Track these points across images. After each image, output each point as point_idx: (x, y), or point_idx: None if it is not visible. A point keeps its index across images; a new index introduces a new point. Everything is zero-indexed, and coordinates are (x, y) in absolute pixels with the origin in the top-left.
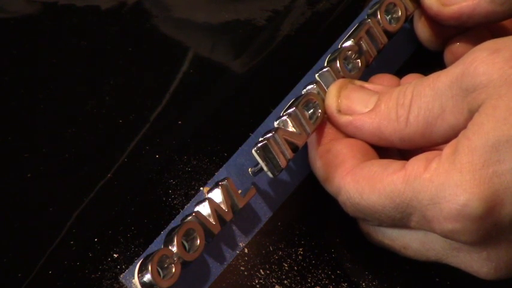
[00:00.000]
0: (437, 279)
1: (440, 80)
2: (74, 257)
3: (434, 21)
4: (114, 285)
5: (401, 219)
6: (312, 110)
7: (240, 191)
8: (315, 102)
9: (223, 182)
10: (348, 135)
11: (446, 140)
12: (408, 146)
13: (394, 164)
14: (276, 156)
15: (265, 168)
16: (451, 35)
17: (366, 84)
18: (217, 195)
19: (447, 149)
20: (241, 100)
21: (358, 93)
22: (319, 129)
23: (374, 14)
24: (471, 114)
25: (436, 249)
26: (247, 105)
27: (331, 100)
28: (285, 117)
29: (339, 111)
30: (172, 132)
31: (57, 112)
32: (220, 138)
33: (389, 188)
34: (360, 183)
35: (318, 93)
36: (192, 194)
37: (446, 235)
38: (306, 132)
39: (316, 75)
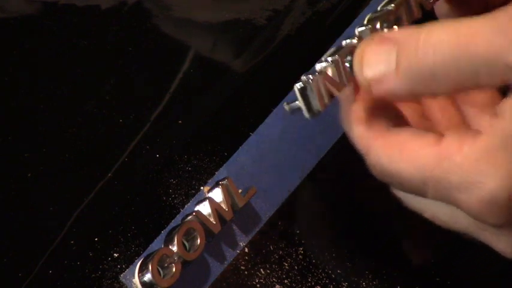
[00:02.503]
0: (437, 279)
1: (475, 42)
2: (74, 257)
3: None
4: (115, 284)
5: (428, 193)
6: (349, 63)
7: (240, 191)
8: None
9: (224, 182)
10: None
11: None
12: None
13: (427, 136)
14: (317, 97)
15: (303, 108)
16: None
17: (385, 35)
18: (217, 194)
19: (482, 129)
20: (241, 100)
21: (377, 53)
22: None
23: None
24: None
25: (463, 224)
26: (247, 105)
27: (358, 72)
28: (326, 64)
29: (367, 81)
30: (173, 132)
31: (57, 112)
32: (221, 138)
33: (421, 160)
34: (391, 148)
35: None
36: (192, 193)
37: (473, 216)
38: (343, 81)
39: (357, 30)
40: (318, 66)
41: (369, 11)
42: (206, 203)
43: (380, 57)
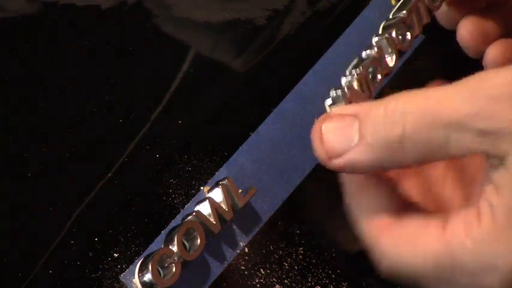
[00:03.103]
0: None
1: (445, 110)
2: (74, 257)
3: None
4: (115, 284)
5: (446, 282)
6: (371, 74)
7: (240, 191)
8: (376, 65)
9: (224, 182)
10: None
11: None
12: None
13: (432, 224)
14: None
15: None
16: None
17: (343, 110)
18: (217, 194)
19: (484, 208)
20: (241, 100)
21: (337, 129)
22: None
23: None
24: (488, 154)
25: None
26: (247, 105)
27: (318, 149)
28: (351, 77)
29: (330, 157)
30: (173, 132)
31: (57, 112)
32: (221, 137)
33: (432, 253)
34: (398, 245)
35: (380, 57)
36: (192, 193)
37: None
38: (369, 93)
39: (374, 40)
40: (344, 81)
41: (369, 11)
42: (206, 203)
43: (341, 132)
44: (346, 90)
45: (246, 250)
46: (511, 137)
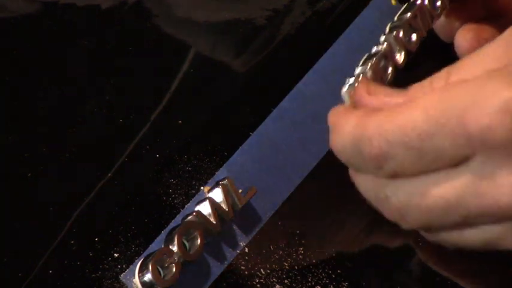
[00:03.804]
0: (437, 279)
1: (483, 49)
2: (74, 257)
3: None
4: (115, 284)
5: (433, 138)
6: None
7: (240, 191)
8: (387, 57)
9: (224, 182)
10: None
11: None
12: None
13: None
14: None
15: None
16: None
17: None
18: (217, 194)
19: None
20: (241, 100)
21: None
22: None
23: None
24: None
25: (456, 185)
26: (247, 105)
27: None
28: (364, 67)
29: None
30: (173, 132)
31: (57, 112)
32: (221, 137)
33: (424, 101)
34: (392, 111)
35: (390, 51)
36: (192, 193)
37: (482, 137)
38: (384, 82)
39: (381, 39)
40: (358, 70)
41: (369, 11)
42: (206, 203)
43: None
44: (362, 77)
45: (246, 250)
46: None
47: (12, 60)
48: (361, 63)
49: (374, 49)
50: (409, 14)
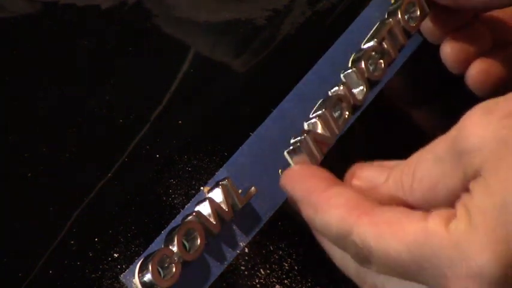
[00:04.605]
0: None
1: (439, 144)
2: (74, 257)
3: (458, 43)
4: (115, 284)
5: (413, 273)
6: (339, 112)
7: (240, 191)
8: (342, 103)
9: (224, 182)
10: None
11: (449, 204)
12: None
13: (415, 213)
14: (308, 158)
15: None
16: (472, 55)
17: (384, 163)
18: (217, 194)
19: (460, 209)
20: (241, 100)
21: (374, 169)
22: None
23: (394, 13)
24: (466, 177)
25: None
26: (247, 105)
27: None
28: (314, 120)
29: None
30: (172, 132)
31: (57, 112)
32: (221, 138)
33: (411, 237)
34: (379, 226)
35: (345, 94)
36: (192, 193)
37: None
38: (334, 134)
39: (342, 75)
40: (306, 125)
41: (369, 11)
42: (206, 203)
43: None
44: (307, 138)
45: (246, 250)
46: (481, 152)
47: (12, 60)
48: (313, 111)
49: (330, 93)
50: (374, 40)
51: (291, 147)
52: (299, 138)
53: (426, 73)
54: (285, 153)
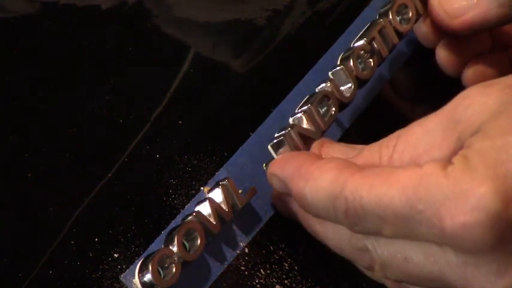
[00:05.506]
0: None
1: (429, 119)
2: (74, 257)
3: (455, 47)
4: (115, 285)
5: (406, 219)
6: (325, 108)
7: (240, 191)
8: (329, 100)
9: (224, 182)
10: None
11: None
12: None
13: (408, 166)
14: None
15: None
16: (469, 58)
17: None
18: (217, 195)
19: (456, 157)
20: (241, 100)
21: (343, 145)
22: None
23: (386, 14)
24: (460, 141)
25: (440, 262)
26: (247, 105)
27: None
28: (300, 114)
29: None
30: (173, 132)
31: (57, 112)
32: (221, 138)
33: (404, 181)
34: (371, 177)
35: (332, 91)
36: (192, 193)
37: (456, 234)
38: (319, 129)
39: (330, 73)
40: (291, 120)
41: (369, 11)
42: (206, 203)
43: None
44: (291, 132)
45: (246, 250)
46: (482, 115)
47: (12, 60)
48: (301, 104)
49: (317, 89)
50: (364, 39)
51: (275, 141)
52: (283, 132)
53: (425, 73)
54: (269, 146)
